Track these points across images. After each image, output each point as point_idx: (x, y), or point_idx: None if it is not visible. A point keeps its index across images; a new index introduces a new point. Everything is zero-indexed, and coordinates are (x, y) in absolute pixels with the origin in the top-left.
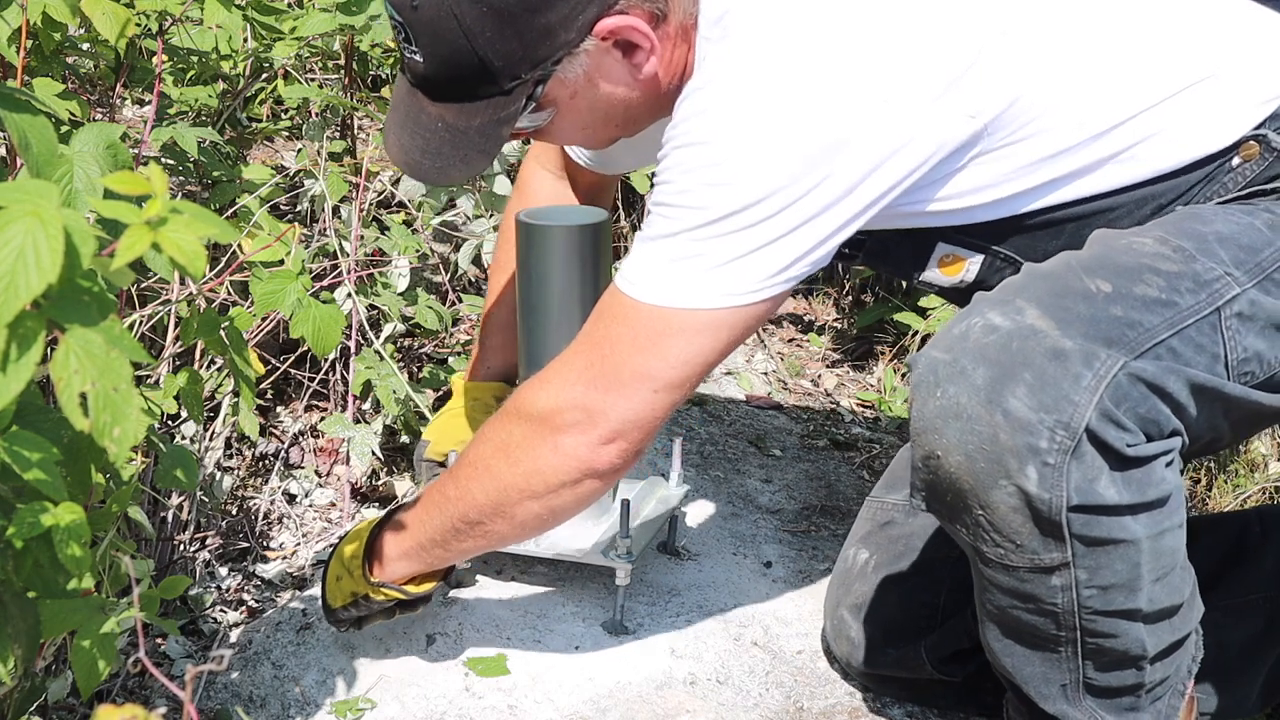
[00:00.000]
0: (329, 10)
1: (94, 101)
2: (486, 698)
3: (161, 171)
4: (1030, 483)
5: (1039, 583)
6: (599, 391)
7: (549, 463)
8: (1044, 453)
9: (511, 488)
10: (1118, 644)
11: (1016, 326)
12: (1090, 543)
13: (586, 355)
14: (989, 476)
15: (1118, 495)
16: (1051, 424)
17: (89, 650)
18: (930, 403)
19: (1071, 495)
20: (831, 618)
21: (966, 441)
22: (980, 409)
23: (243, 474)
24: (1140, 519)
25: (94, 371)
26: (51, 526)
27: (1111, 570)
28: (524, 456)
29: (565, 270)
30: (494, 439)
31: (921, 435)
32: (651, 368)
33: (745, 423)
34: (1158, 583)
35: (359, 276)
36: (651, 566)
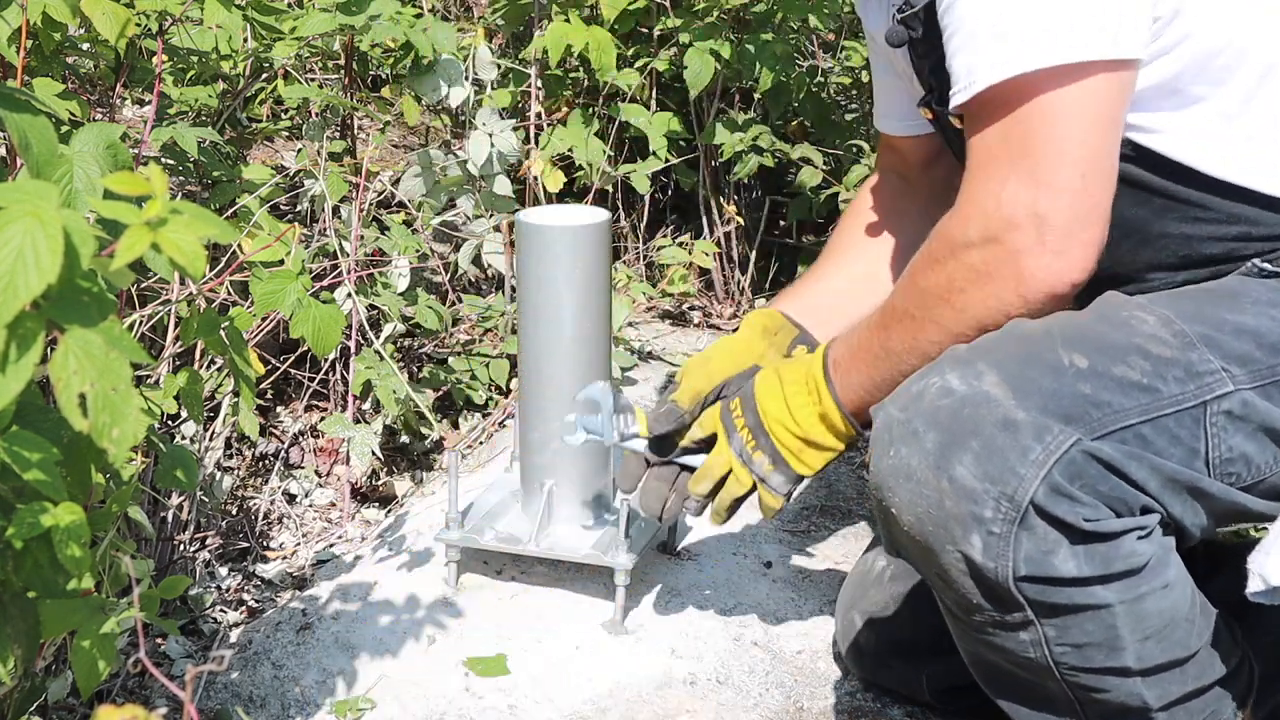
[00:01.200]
0: (329, 10)
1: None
2: (486, 698)
3: (161, 172)
4: (975, 551)
5: (1008, 638)
6: (1031, 194)
7: (1007, 292)
8: (988, 522)
9: (961, 329)
10: (1111, 697)
11: (971, 392)
12: (1050, 610)
13: (994, 168)
14: (937, 540)
15: (1078, 568)
16: (996, 495)
17: (89, 650)
18: (885, 460)
19: (1019, 566)
20: (843, 619)
21: (916, 504)
22: (929, 473)
23: (243, 474)
24: (1111, 587)
25: (93, 372)
26: (51, 527)
27: (1082, 631)
28: (974, 295)
29: (565, 270)
30: (927, 285)
31: (877, 490)
32: (1066, 147)
33: None
34: (1147, 641)
35: (359, 276)
36: (651, 566)
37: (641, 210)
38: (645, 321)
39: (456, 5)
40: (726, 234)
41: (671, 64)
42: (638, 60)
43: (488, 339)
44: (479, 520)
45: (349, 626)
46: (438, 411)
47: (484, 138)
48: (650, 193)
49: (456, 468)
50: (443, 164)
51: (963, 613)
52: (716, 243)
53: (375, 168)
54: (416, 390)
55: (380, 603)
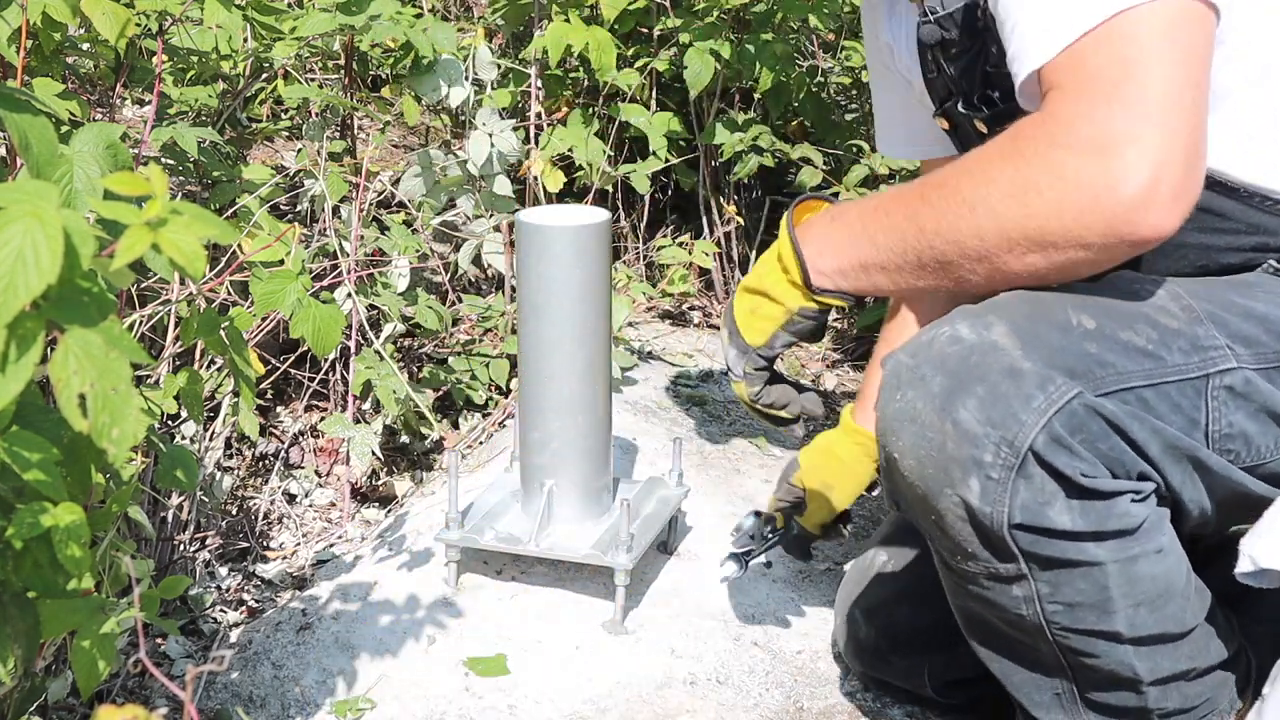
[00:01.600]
0: (329, 10)
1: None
2: (486, 698)
3: (161, 172)
4: (972, 494)
5: (1000, 592)
6: (1136, 122)
7: (1084, 212)
8: (987, 466)
9: (1017, 235)
10: (1101, 663)
11: (980, 340)
12: (1043, 562)
13: (1096, 98)
14: (936, 484)
15: (1072, 522)
16: (997, 439)
17: (89, 650)
18: (891, 405)
19: (1015, 513)
20: (843, 615)
21: (919, 447)
22: (933, 416)
23: (243, 474)
24: (1105, 545)
25: (93, 372)
26: (51, 527)
27: (1074, 589)
28: (1045, 201)
29: (565, 270)
30: (1000, 173)
31: (883, 436)
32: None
33: (745, 423)
34: (1140, 607)
35: (359, 276)
36: (651, 566)
37: (641, 210)
38: (645, 321)
39: (456, 5)
40: (726, 234)
41: (671, 64)
42: (638, 60)
43: (488, 339)
44: (479, 520)
45: (349, 626)
46: (438, 411)
47: (484, 138)
48: (650, 193)
49: (456, 468)
50: (443, 164)
51: (957, 563)
52: (716, 243)
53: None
54: (416, 390)
55: (380, 603)
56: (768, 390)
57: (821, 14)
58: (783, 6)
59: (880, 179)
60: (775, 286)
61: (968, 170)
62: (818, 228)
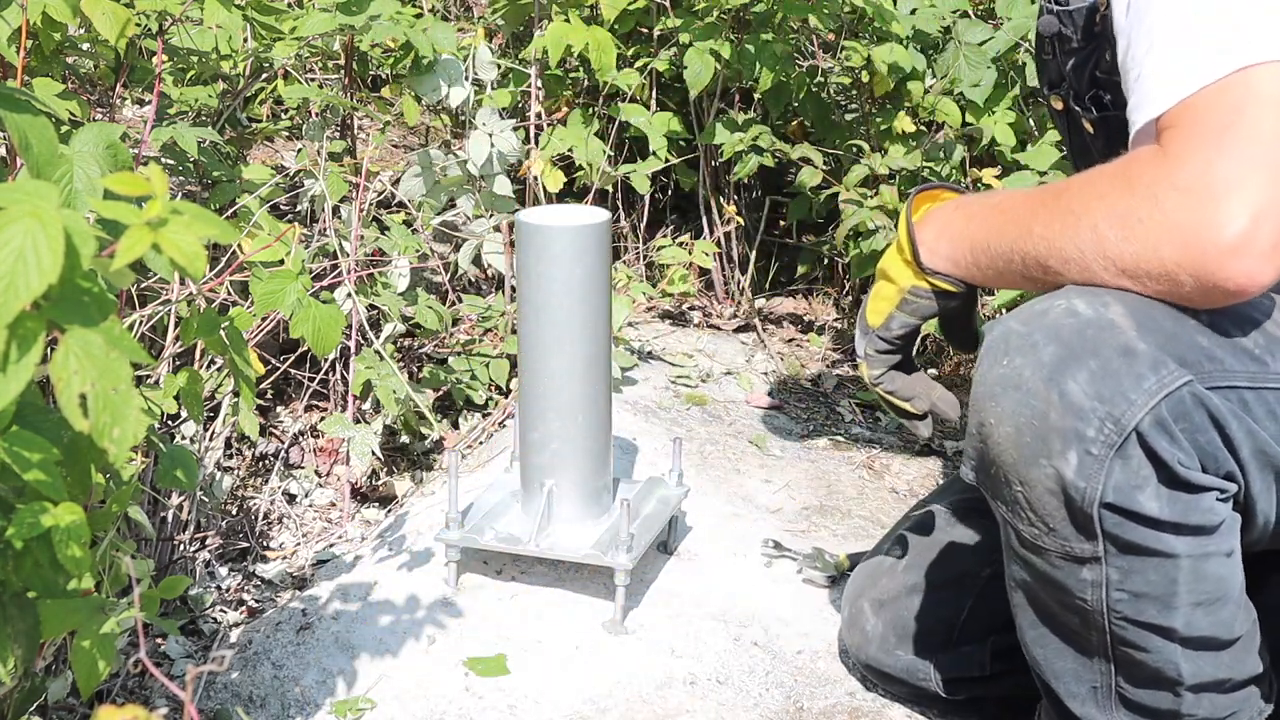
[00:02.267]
0: (329, 10)
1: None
2: (486, 698)
3: (161, 172)
4: (1069, 467)
5: (1070, 572)
6: (1242, 168)
7: (1179, 251)
8: (1089, 441)
9: (1113, 257)
10: (1149, 659)
11: (1097, 316)
12: (1123, 546)
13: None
14: (1032, 453)
15: (1159, 510)
16: (1103, 415)
17: (89, 650)
18: (995, 369)
19: (1108, 491)
20: (851, 606)
21: (1019, 413)
22: (1039, 384)
23: (243, 474)
24: (1183, 539)
25: (94, 372)
26: (51, 527)
27: (1144, 578)
28: (1145, 233)
29: (565, 270)
30: (1109, 195)
31: (979, 401)
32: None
33: (745, 423)
34: (1199, 608)
35: (359, 276)
36: (651, 566)
37: (641, 210)
38: (645, 321)
39: (456, 5)
40: (726, 234)
41: (671, 64)
42: (638, 60)
43: (488, 339)
44: (479, 520)
45: (349, 626)
46: (438, 411)
47: (484, 138)
48: (650, 193)
49: (456, 468)
50: (443, 164)
51: (1033, 538)
52: (716, 243)
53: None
54: (416, 390)
55: (380, 603)
56: (890, 376)
57: (821, 14)
58: (783, 6)
59: (880, 179)
60: (892, 266)
61: (1083, 185)
62: (941, 214)
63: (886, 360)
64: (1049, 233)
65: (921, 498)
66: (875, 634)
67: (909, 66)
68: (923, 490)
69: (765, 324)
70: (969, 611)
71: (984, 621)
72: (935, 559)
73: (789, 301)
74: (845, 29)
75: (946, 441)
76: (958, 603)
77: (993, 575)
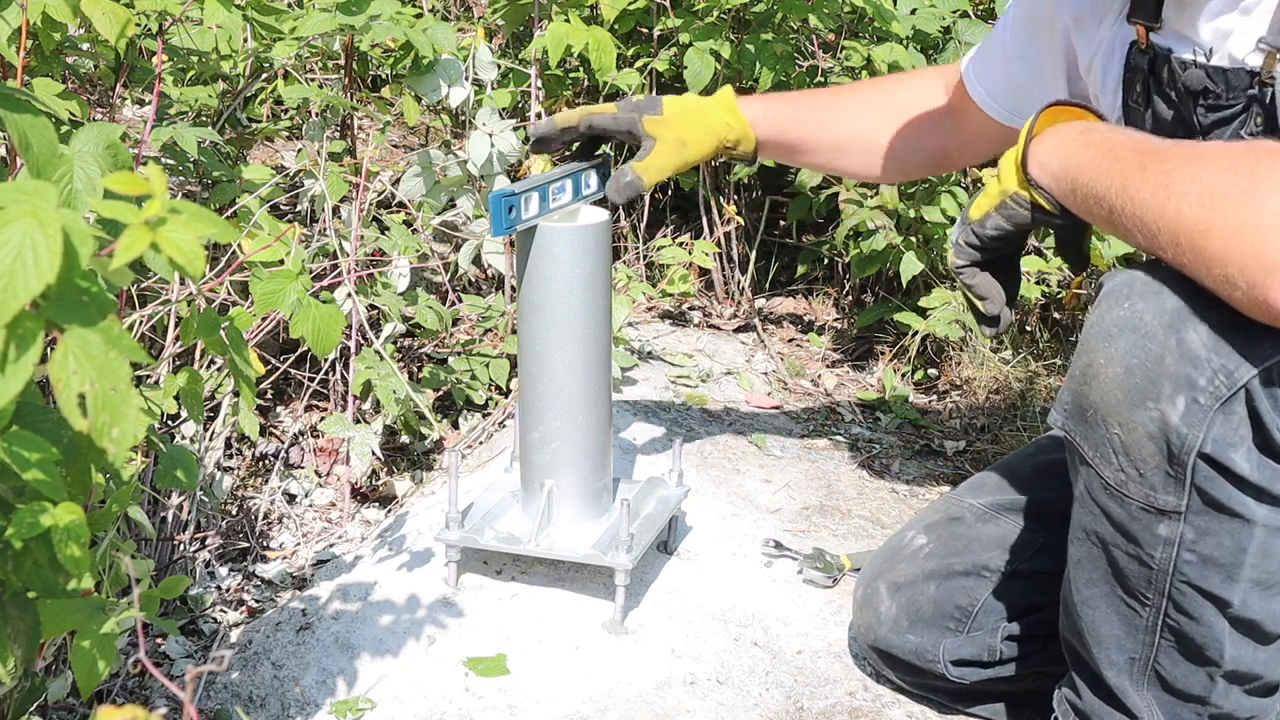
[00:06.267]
0: (329, 10)
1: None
2: (486, 698)
3: (161, 171)
4: (1175, 412)
5: (1146, 525)
6: None
7: (1242, 253)
8: (1199, 390)
9: (1185, 234)
10: (1196, 632)
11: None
12: (1208, 501)
13: None
14: (1139, 394)
15: (1250, 471)
16: (1217, 366)
17: (89, 650)
18: (1115, 311)
19: (1207, 442)
20: (866, 586)
21: (1132, 354)
22: (1159, 329)
23: (243, 474)
24: (1265, 506)
25: (93, 372)
26: (51, 527)
27: (1217, 541)
28: (1222, 223)
29: (565, 270)
30: (1207, 174)
31: (1091, 341)
32: None
33: (745, 423)
34: (1257, 587)
35: (359, 276)
36: (651, 566)
37: (641, 210)
38: (645, 321)
39: (456, 5)
40: (726, 234)
41: (671, 64)
42: (638, 60)
43: (488, 339)
44: (479, 520)
45: (349, 626)
46: (438, 411)
47: (484, 138)
48: (650, 192)
49: (456, 468)
50: (443, 164)
51: (1119, 484)
52: (716, 243)
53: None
54: (416, 390)
55: (380, 603)
56: (972, 271)
57: (821, 14)
58: (783, 6)
59: None
60: (1005, 167)
61: (1188, 156)
62: (1062, 133)
63: (972, 255)
64: (1140, 193)
65: (950, 491)
66: (888, 616)
67: (909, 66)
68: (923, 490)
69: (765, 324)
70: (984, 602)
71: (998, 613)
72: (958, 550)
73: (789, 301)
74: (845, 29)
75: (947, 441)
76: (974, 592)
77: (1013, 572)
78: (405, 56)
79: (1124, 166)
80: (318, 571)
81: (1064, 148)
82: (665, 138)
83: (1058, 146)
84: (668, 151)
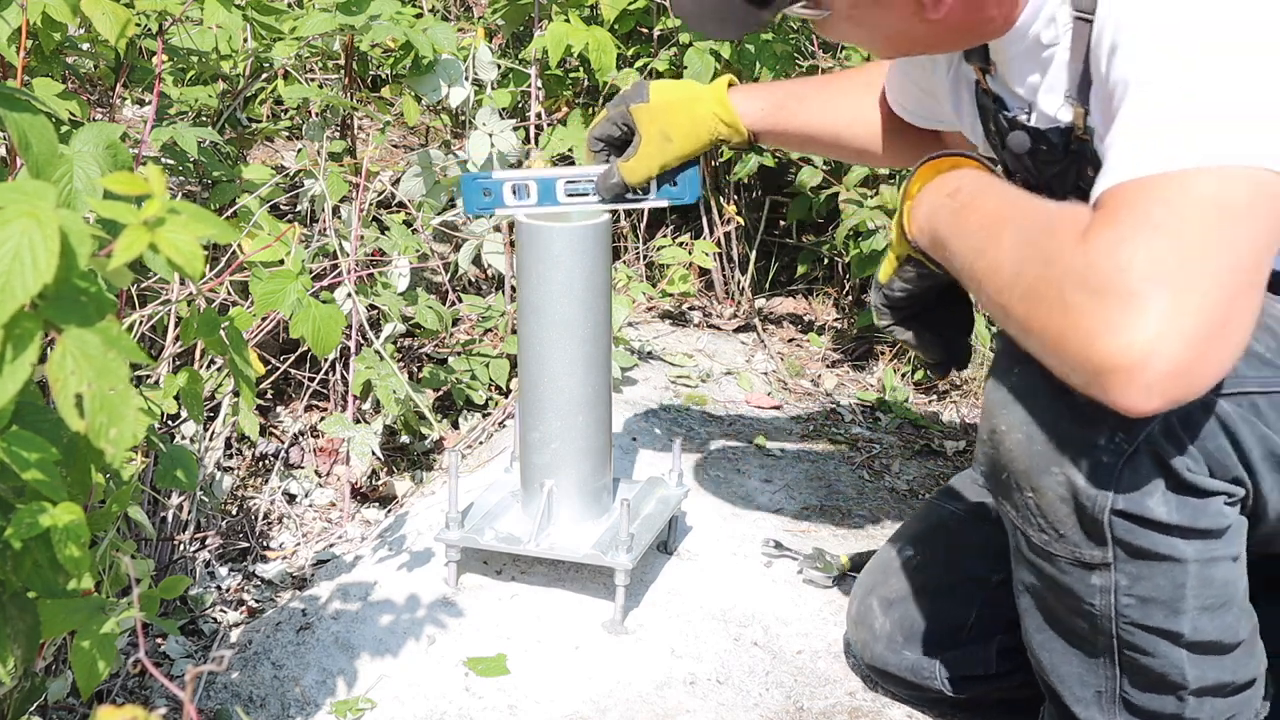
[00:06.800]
0: (329, 10)
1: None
2: (486, 698)
3: (160, 172)
4: (1080, 476)
5: (1079, 578)
6: (1153, 286)
7: (1074, 350)
8: (1100, 450)
9: (1039, 353)
10: (1155, 664)
11: None
12: (1132, 551)
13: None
14: (1043, 460)
15: (1168, 514)
16: (1114, 423)
17: (89, 650)
18: (1009, 377)
19: (1118, 500)
20: (859, 603)
21: (1029, 421)
22: (1050, 392)
23: (243, 474)
24: (1192, 543)
25: (91, 372)
26: (50, 527)
27: (1153, 584)
28: (1050, 333)
29: (565, 270)
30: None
31: (991, 408)
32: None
33: (745, 423)
34: (1205, 612)
35: (359, 276)
36: (651, 566)
37: (641, 210)
38: (645, 321)
39: (456, 5)
40: (726, 234)
41: (671, 64)
42: (638, 60)
43: (488, 339)
44: (479, 520)
45: (349, 626)
46: (438, 411)
47: (484, 138)
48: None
49: (456, 468)
50: (443, 164)
51: (1043, 544)
52: (716, 243)
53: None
54: (416, 390)
55: (380, 603)
56: (899, 328)
57: None
58: None
59: (880, 179)
60: (894, 229)
61: (1015, 242)
62: (933, 195)
63: (893, 315)
64: (987, 283)
65: (932, 494)
66: (883, 632)
67: None
68: (923, 490)
69: (765, 324)
70: (977, 614)
71: (991, 624)
72: (947, 560)
73: (789, 301)
74: None
75: (947, 441)
76: (967, 606)
77: (1002, 581)
78: (405, 56)
79: (976, 245)
80: (318, 571)
81: (933, 215)
82: (650, 133)
83: (929, 212)
84: (652, 148)
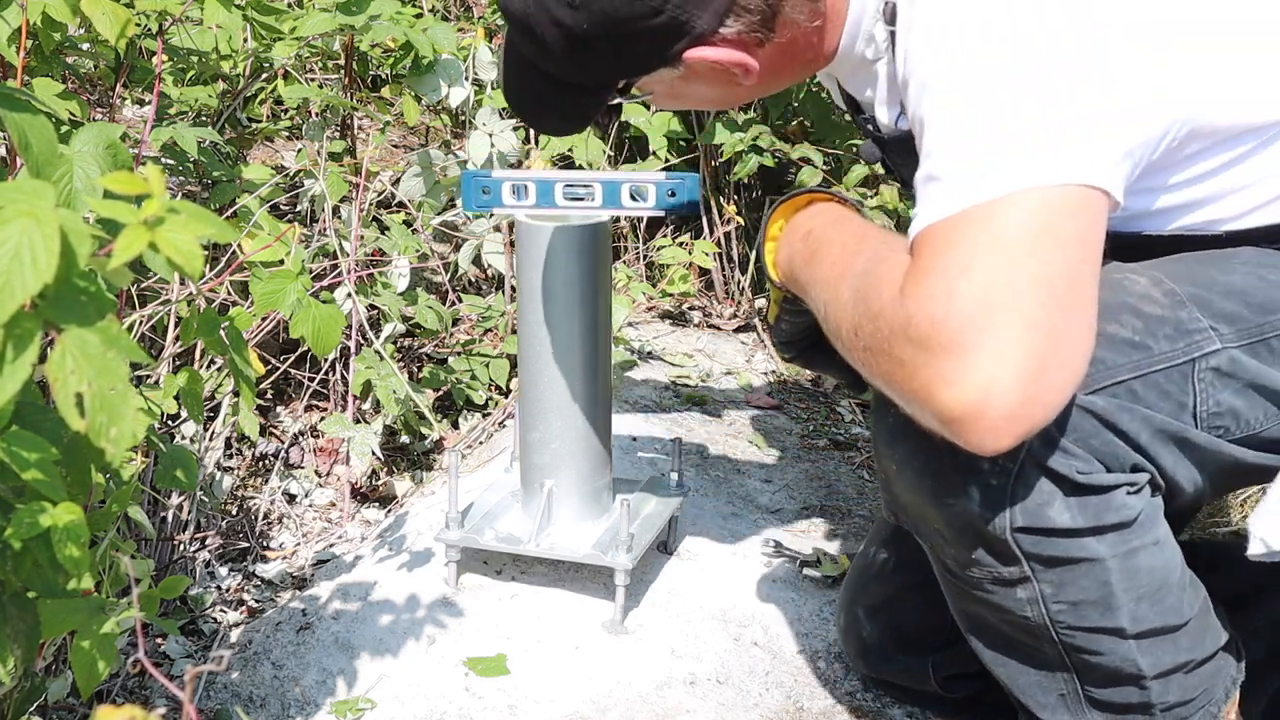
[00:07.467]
0: (329, 10)
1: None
2: (486, 698)
3: (160, 171)
4: (973, 504)
5: (1005, 595)
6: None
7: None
8: (986, 475)
9: (880, 377)
10: (1106, 660)
11: None
12: (1046, 561)
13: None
14: (935, 494)
15: (1071, 520)
16: None
17: (89, 650)
18: (887, 418)
19: (1016, 517)
20: (845, 614)
21: (915, 457)
22: (929, 428)
23: (243, 474)
24: (1105, 539)
25: (90, 372)
26: (50, 527)
27: (1077, 587)
28: (893, 385)
29: (565, 270)
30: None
31: (879, 449)
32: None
33: (745, 423)
34: (1142, 601)
35: (359, 276)
36: (651, 566)
37: None
38: (645, 321)
39: (456, 5)
40: (726, 234)
41: None
42: None
43: (488, 339)
44: (479, 520)
45: (349, 626)
46: (438, 411)
47: (484, 138)
48: None
49: (456, 468)
50: (443, 164)
51: (961, 569)
52: (716, 243)
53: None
54: (416, 390)
55: (380, 603)
56: (804, 360)
57: None
58: None
59: (880, 179)
60: (771, 271)
61: (862, 290)
62: (791, 237)
63: (790, 349)
64: (833, 314)
65: None
66: (872, 641)
67: None
68: None
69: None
70: None
71: None
72: (920, 559)
73: None
74: None
75: None
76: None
77: None
78: (405, 56)
79: (825, 296)
80: (318, 571)
81: (790, 261)
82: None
83: (788, 256)
84: None
